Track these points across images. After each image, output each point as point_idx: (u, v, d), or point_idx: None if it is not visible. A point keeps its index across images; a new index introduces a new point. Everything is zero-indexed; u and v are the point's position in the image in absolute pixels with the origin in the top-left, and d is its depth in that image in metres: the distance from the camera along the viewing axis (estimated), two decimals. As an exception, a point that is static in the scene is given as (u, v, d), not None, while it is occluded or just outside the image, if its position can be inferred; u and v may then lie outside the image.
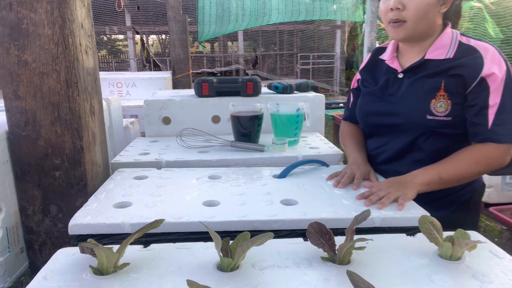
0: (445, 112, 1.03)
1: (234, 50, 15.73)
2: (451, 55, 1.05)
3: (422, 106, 1.05)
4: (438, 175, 1.01)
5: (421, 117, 1.05)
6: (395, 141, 1.14)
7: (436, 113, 1.04)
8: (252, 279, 0.64)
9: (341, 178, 1.08)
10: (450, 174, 1.01)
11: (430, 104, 1.04)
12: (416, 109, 1.06)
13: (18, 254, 1.08)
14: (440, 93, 1.03)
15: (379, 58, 1.22)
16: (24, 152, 1.03)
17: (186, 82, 4.58)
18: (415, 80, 1.09)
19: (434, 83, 1.05)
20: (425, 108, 1.05)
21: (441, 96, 1.03)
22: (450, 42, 1.06)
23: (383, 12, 1.09)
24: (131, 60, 12.97)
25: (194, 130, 1.53)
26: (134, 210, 0.90)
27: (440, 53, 1.06)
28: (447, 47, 1.06)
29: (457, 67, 1.02)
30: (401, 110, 1.10)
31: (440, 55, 1.06)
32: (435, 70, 1.06)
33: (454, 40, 1.06)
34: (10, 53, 0.97)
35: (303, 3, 6.00)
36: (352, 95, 1.34)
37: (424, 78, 1.07)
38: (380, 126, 1.17)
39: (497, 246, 0.74)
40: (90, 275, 0.65)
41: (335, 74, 12.94)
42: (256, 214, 0.87)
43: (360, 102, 1.25)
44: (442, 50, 1.06)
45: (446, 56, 1.05)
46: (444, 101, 1.03)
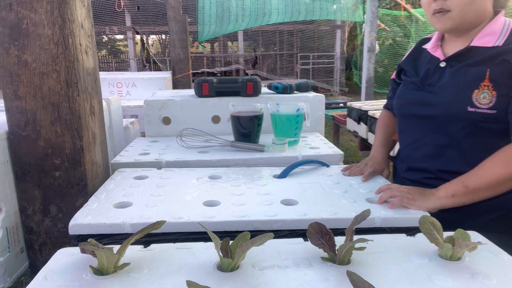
0: (489, 104, 0.92)
1: (234, 50, 15.74)
2: (500, 42, 0.94)
3: (463, 96, 0.95)
4: (463, 184, 0.91)
5: (462, 109, 0.96)
6: (433, 136, 1.05)
7: (478, 104, 0.93)
8: (252, 279, 0.64)
9: (354, 168, 1.14)
10: (476, 181, 0.91)
11: (473, 94, 0.94)
12: (456, 99, 0.97)
13: (18, 254, 1.08)
14: (484, 83, 0.93)
15: (422, 47, 1.15)
16: (24, 152, 1.03)
17: (186, 82, 4.58)
18: (458, 69, 0.99)
19: (478, 72, 0.94)
20: (467, 98, 0.95)
21: (485, 87, 0.93)
22: (501, 29, 0.96)
23: (425, 4, 1.01)
24: (131, 60, 12.97)
25: (194, 130, 1.53)
26: (134, 210, 0.90)
27: (488, 40, 0.96)
28: (497, 34, 0.96)
29: (504, 53, 0.92)
30: (440, 101, 1.00)
31: (488, 42, 0.96)
32: (480, 58, 0.96)
33: (506, 28, 0.97)
34: (10, 53, 0.97)
35: (303, 3, 6.00)
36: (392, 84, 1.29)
37: (467, 67, 0.97)
38: (417, 118, 1.08)
39: (497, 246, 0.74)
40: (90, 275, 0.65)
41: (335, 74, 12.94)
42: (256, 214, 0.87)
43: (399, 91, 1.18)
44: (490, 37, 0.96)
45: (495, 44, 0.95)
46: (489, 92, 0.92)
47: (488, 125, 0.95)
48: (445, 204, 0.91)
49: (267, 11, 5.95)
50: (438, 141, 1.03)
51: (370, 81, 5.32)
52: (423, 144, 1.08)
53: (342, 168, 1.20)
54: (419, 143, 1.09)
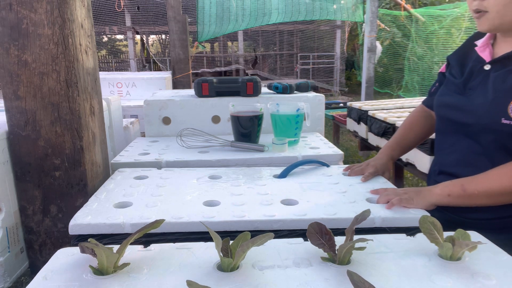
0: None
1: (234, 50, 15.74)
2: None
3: (498, 107, 0.88)
4: (462, 187, 0.89)
5: (495, 120, 0.89)
6: (467, 142, 0.99)
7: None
8: (252, 279, 0.64)
9: (356, 167, 1.15)
10: (475, 186, 0.88)
11: (509, 106, 0.87)
12: (490, 110, 0.90)
13: (18, 254, 1.08)
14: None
15: (473, 43, 1.04)
16: (24, 152, 1.03)
17: (186, 82, 4.58)
18: (500, 74, 0.92)
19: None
20: (502, 109, 0.87)
21: None
22: None
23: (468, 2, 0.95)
24: (131, 60, 12.97)
25: (194, 130, 1.53)
26: (134, 210, 0.90)
27: None
28: None
29: None
30: (474, 109, 0.94)
31: None
32: None
33: None
34: (10, 53, 0.97)
35: (303, 3, 6.00)
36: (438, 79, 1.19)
37: (508, 73, 0.90)
38: (452, 122, 1.03)
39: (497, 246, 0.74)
40: (90, 275, 0.65)
41: (335, 74, 12.94)
42: (256, 214, 0.87)
43: (440, 90, 1.11)
44: None
45: None
46: None
47: None
48: (440, 201, 0.90)
49: (267, 11, 5.95)
50: (471, 148, 0.98)
51: (370, 81, 5.32)
52: (456, 149, 1.03)
53: (344, 168, 1.21)
54: (453, 148, 1.04)
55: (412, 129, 1.25)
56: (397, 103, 3.40)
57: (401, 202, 0.89)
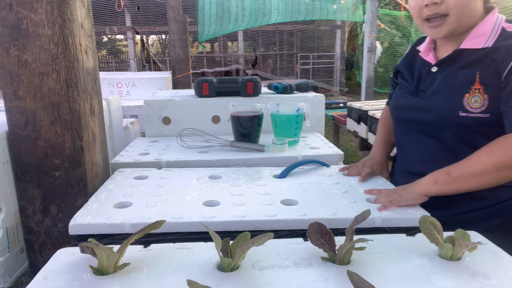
0: (481, 108, 0.90)
1: (234, 50, 15.74)
2: (490, 43, 0.92)
3: (454, 101, 0.94)
4: (446, 171, 0.91)
5: (453, 114, 0.94)
6: (428, 140, 1.04)
7: (470, 109, 0.92)
8: (252, 279, 0.64)
9: (353, 168, 1.15)
10: (459, 170, 0.89)
11: (464, 99, 0.92)
12: (447, 105, 0.95)
13: (18, 254, 1.08)
14: (475, 86, 0.91)
15: (416, 49, 1.12)
16: (24, 152, 1.03)
17: (186, 82, 4.58)
18: (448, 73, 0.98)
19: (468, 75, 0.92)
20: (458, 103, 0.93)
21: (476, 90, 0.91)
22: (491, 29, 0.94)
23: (415, 9, 0.98)
24: (131, 60, 12.97)
25: (194, 130, 1.53)
26: (134, 210, 0.90)
27: (478, 42, 0.94)
28: (487, 35, 0.93)
29: (492, 52, 0.90)
30: (431, 106, 0.99)
31: (477, 44, 0.94)
32: (470, 60, 0.94)
33: (496, 27, 0.94)
34: (10, 53, 0.97)
35: (303, 3, 6.00)
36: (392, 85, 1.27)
37: (457, 70, 0.96)
38: (411, 122, 1.07)
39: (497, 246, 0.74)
40: (90, 275, 0.65)
41: (335, 74, 12.94)
42: (256, 214, 0.87)
43: (394, 94, 1.17)
44: (480, 39, 0.94)
45: (485, 45, 0.92)
46: (480, 95, 0.90)
47: (482, 129, 0.93)
48: (428, 190, 0.91)
49: (267, 11, 5.95)
50: (433, 146, 1.02)
51: (370, 81, 5.32)
52: (418, 148, 1.07)
53: (340, 168, 1.20)
54: (415, 148, 1.08)
55: (390, 126, 1.27)
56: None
57: (392, 204, 0.90)
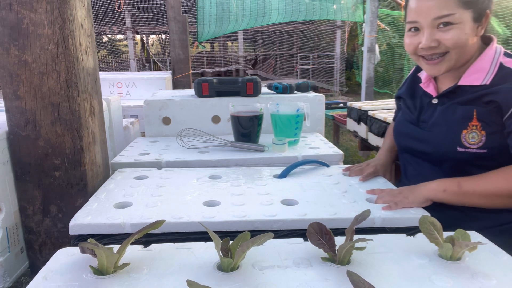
0: (478, 144, 0.92)
1: (234, 50, 15.74)
2: (488, 81, 0.94)
3: (452, 137, 0.96)
4: (458, 184, 0.91)
5: (451, 149, 0.96)
6: (429, 170, 1.06)
7: (467, 145, 0.93)
8: (252, 279, 0.64)
9: (355, 167, 1.16)
10: (471, 186, 0.90)
11: (461, 135, 0.94)
12: (445, 139, 0.97)
13: (18, 254, 1.08)
14: (472, 123, 0.93)
15: (418, 76, 1.14)
16: (24, 152, 1.03)
17: (186, 82, 4.57)
18: (448, 107, 0.99)
19: (466, 112, 0.94)
20: (456, 139, 0.95)
21: (474, 127, 0.93)
22: (489, 65, 0.95)
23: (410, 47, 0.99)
24: (131, 60, 12.96)
25: (194, 130, 1.53)
26: (134, 210, 0.90)
27: (476, 78, 0.95)
28: (485, 71, 0.95)
29: (491, 93, 0.91)
30: (430, 139, 1.02)
31: (475, 80, 0.95)
32: (468, 97, 0.95)
33: (494, 63, 0.95)
34: (10, 53, 0.97)
35: (303, 3, 6.00)
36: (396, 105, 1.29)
37: (456, 105, 0.98)
38: (413, 151, 1.10)
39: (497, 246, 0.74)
40: (90, 275, 0.65)
41: (335, 74, 12.93)
42: (256, 214, 0.87)
43: (397, 120, 1.20)
44: (478, 75, 0.95)
45: (482, 82, 0.94)
46: (477, 132, 0.92)
47: (479, 163, 0.94)
48: (435, 196, 0.91)
49: (267, 11, 5.95)
50: (435, 173, 1.03)
51: (370, 81, 5.32)
52: (421, 173, 1.08)
53: (343, 168, 1.21)
54: (418, 172, 1.10)
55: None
56: (397, 103, 3.39)
57: (397, 206, 0.90)
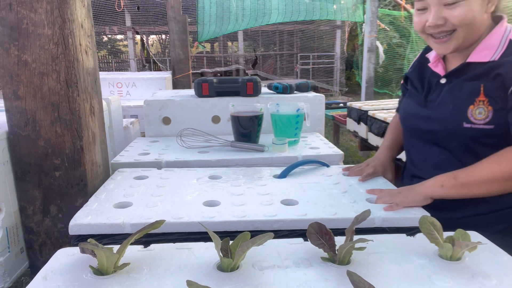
0: (485, 120, 0.92)
1: (234, 50, 15.73)
2: (496, 57, 0.93)
3: (458, 112, 0.96)
4: (454, 176, 0.92)
5: (457, 125, 0.96)
6: (435, 149, 1.05)
7: (474, 120, 0.93)
8: (252, 279, 0.64)
9: (355, 168, 1.16)
10: (467, 176, 0.91)
11: (468, 110, 0.94)
12: (451, 116, 0.97)
13: (18, 254, 1.08)
14: (479, 98, 0.93)
15: (426, 57, 1.13)
16: (24, 152, 1.03)
17: (186, 82, 4.57)
18: (455, 85, 0.99)
19: (473, 88, 0.94)
20: (462, 115, 0.95)
21: (481, 102, 0.93)
22: (498, 42, 0.94)
23: (418, 25, 0.99)
24: (131, 60, 12.96)
25: (194, 130, 1.53)
26: (134, 210, 0.90)
27: (485, 55, 0.95)
28: (494, 48, 0.94)
29: (498, 67, 0.91)
30: (437, 117, 1.01)
31: (484, 57, 0.95)
32: (475, 73, 0.95)
33: (504, 40, 0.94)
34: (10, 53, 0.97)
35: (303, 3, 6.00)
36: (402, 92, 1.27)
37: (463, 82, 0.98)
38: (419, 131, 1.09)
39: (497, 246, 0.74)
40: (90, 275, 0.65)
41: (335, 74, 12.93)
42: (256, 214, 0.87)
43: (404, 103, 1.19)
44: (487, 52, 0.95)
45: (491, 59, 0.94)
46: (484, 107, 0.92)
47: (486, 140, 0.94)
48: (434, 193, 0.92)
49: (267, 11, 5.94)
50: (439, 154, 1.04)
51: (370, 81, 5.32)
52: (425, 155, 1.09)
53: (343, 168, 1.21)
54: (423, 154, 1.10)
55: (399, 131, 1.28)
56: (397, 103, 3.39)
57: (398, 206, 0.90)
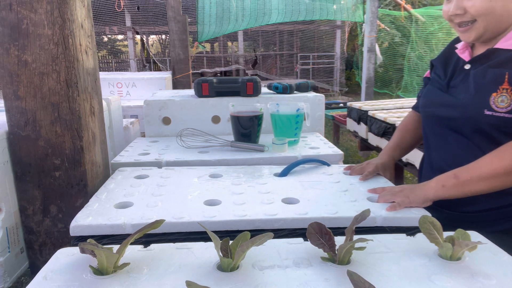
0: (507, 108, 0.90)
1: (234, 50, 15.73)
2: None
3: (480, 99, 0.93)
4: (454, 176, 0.91)
5: (478, 112, 0.93)
6: (454, 137, 1.03)
7: (496, 108, 0.91)
8: (252, 279, 0.64)
9: (356, 167, 1.17)
10: (468, 173, 0.90)
11: (490, 98, 0.92)
12: (473, 102, 0.95)
13: (18, 254, 1.08)
14: (503, 86, 0.91)
15: (454, 46, 1.11)
16: (24, 152, 1.03)
17: (186, 82, 4.57)
18: (479, 71, 0.97)
19: (497, 75, 0.92)
20: (484, 102, 0.93)
21: (504, 90, 0.90)
22: None
23: (445, 14, 1.00)
24: (131, 60, 12.96)
25: (194, 130, 1.53)
26: (135, 210, 0.90)
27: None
28: None
29: None
30: (458, 103, 0.99)
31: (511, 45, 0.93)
32: (500, 60, 0.93)
33: None
34: (10, 53, 0.97)
35: (303, 3, 6.00)
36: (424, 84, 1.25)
37: (487, 68, 0.95)
38: (438, 118, 1.07)
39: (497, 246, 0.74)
40: (90, 275, 0.65)
41: (335, 74, 12.93)
42: (257, 213, 0.87)
43: (426, 89, 1.16)
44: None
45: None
46: (507, 95, 0.90)
47: (507, 129, 0.92)
48: (436, 194, 0.91)
49: (267, 11, 5.94)
50: (460, 143, 1.02)
51: (370, 81, 5.32)
52: (444, 144, 1.07)
53: (345, 167, 1.21)
54: (441, 144, 1.08)
55: (408, 131, 1.28)
56: (397, 103, 3.40)
57: (400, 206, 0.90)
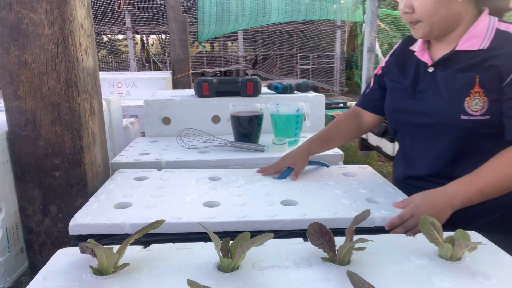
0: (481, 111, 0.92)
1: (234, 50, 15.73)
2: (485, 45, 0.93)
3: (455, 105, 0.94)
4: (480, 191, 0.88)
5: (455, 118, 0.94)
6: (429, 143, 1.03)
7: (471, 112, 0.93)
8: (252, 279, 0.64)
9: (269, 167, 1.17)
10: (492, 187, 0.88)
11: (464, 102, 0.93)
12: (448, 108, 0.96)
13: (18, 254, 1.08)
14: (475, 89, 0.92)
15: (409, 49, 1.11)
16: (24, 152, 1.03)
17: (186, 82, 4.57)
18: (447, 75, 0.98)
19: (468, 79, 0.93)
20: (459, 107, 0.94)
21: (476, 93, 0.92)
22: (485, 30, 0.94)
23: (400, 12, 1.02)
24: (131, 60, 12.96)
25: (194, 130, 1.53)
26: (134, 211, 0.90)
27: (474, 43, 0.95)
28: (482, 36, 0.94)
29: (491, 58, 0.91)
30: (432, 110, 0.99)
31: (473, 45, 0.95)
32: (468, 64, 0.94)
33: (491, 28, 0.94)
34: (10, 53, 0.97)
35: (303, 3, 5.99)
36: (372, 80, 1.24)
37: (456, 73, 0.96)
38: (412, 126, 1.07)
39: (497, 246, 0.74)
40: (90, 275, 0.65)
41: (335, 74, 12.94)
42: (256, 215, 0.87)
43: (388, 98, 1.15)
44: (475, 40, 0.95)
45: (480, 47, 0.94)
46: (480, 98, 0.92)
47: (482, 131, 0.94)
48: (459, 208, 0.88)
49: (267, 11, 5.94)
50: (435, 148, 1.02)
51: (369, 81, 5.32)
52: (420, 151, 1.07)
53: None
54: (417, 152, 1.08)
55: (338, 126, 1.26)
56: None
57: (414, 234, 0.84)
